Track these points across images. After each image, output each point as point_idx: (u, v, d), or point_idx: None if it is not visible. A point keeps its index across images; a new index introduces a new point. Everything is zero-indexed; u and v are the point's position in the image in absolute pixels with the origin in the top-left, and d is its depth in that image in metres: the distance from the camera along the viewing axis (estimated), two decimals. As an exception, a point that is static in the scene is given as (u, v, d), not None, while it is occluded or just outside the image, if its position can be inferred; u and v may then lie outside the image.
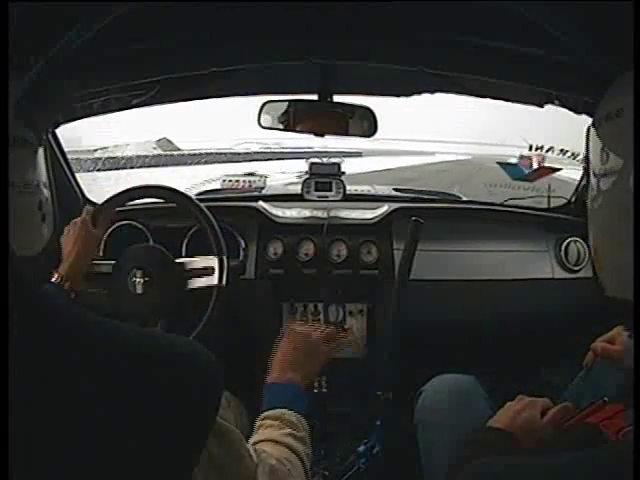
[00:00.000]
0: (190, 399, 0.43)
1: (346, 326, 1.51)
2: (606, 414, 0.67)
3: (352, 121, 1.35)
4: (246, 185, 2.57)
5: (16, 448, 0.35)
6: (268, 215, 1.53)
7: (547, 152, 1.79)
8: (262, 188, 2.47)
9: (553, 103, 1.12)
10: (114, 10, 0.78)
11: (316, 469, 1.19)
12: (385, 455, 1.19)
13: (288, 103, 1.34)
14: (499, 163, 2.14)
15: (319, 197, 1.67)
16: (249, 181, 2.64)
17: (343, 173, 1.71)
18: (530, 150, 1.81)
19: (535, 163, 1.89)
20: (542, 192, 1.82)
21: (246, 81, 1.31)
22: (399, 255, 1.24)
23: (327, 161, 1.79)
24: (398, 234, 1.49)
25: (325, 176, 1.70)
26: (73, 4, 0.74)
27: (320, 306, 1.50)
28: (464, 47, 0.99)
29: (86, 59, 0.97)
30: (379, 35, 1.00)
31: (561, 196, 1.70)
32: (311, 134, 1.40)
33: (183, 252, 1.45)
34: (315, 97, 1.34)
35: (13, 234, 0.39)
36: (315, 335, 0.98)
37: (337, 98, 1.35)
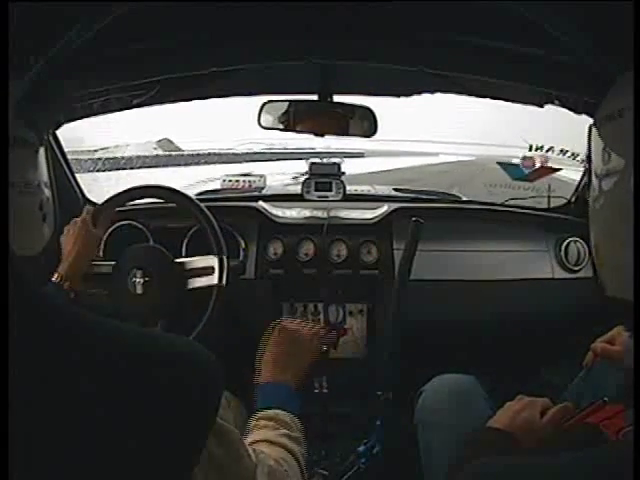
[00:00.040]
0: (190, 399, 0.43)
1: (346, 326, 1.51)
2: (606, 414, 0.67)
3: (352, 121, 1.35)
4: (246, 185, 2.57)
5: (16, 448, 0.35)
6: (268, 215, 1.53)
7: (547, 152, 1.80)
8: (262, 188, 2.48)
9: (553, 103, 1.12)
10: (114, 10, 0.78)
11: (316, 469, 1.19)
12: (385, 455, 1.19)
13: (288, 103, 1.34)
14: (499, 163, 2.14)
15: (319, 197, 1.67)
16: (249, 181, 2.63)
17: (343, 173, 1.71)
18: (530, 150, 1.81)
19: (538, 164, 1.89)
20: (542, 192, 1.82)
21: (246, 81, 1.31)
22: (399, 255, 1.24)
23: (327, 161, 1.79)
24: (398, 234, 1.49)
25: (325, 176, 1.70)
26: (73, 4, 0.74)
27: (320, 306, 1.50)
28: (464, 47, 0.99)
29: (86, 59, 0.97)
30: (379, 35, 1.00)
31: (561, 196, 1.70)
32: (311, 134, 1.40)
33: (183, 252, 1.45)
34: (315, 97, 1.34)
35: (13, 234, 0.39)
36: (304, 333, 0.98)
37: (337, 98, 1.35)
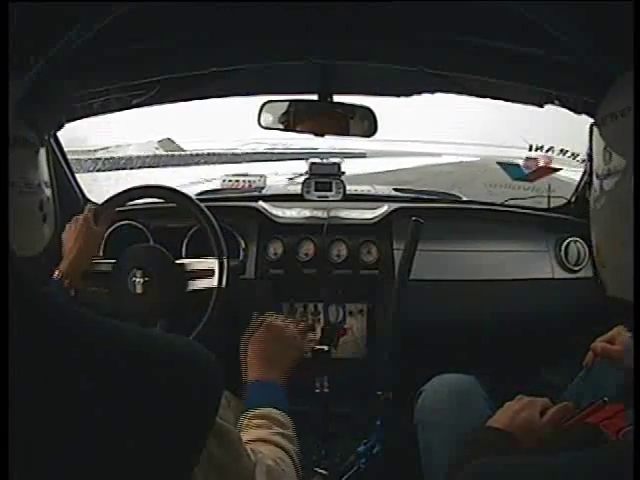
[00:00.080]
0: (190, 399, 0.43)
1: (346, 326, 1.51)
2: (606, 414, 0.67)
3: (352, 121, 1.35)
4: (246, 185, 2.57)
5: (16, 448, 0.35)
6: (268, 215, 1.53)
7: (547, 152, 1.79)
8: (262, 188, 2.47)
9: (553, 103, 1.12)
10: (114, 10, 0.78)
11: (316, 469, 1.19)
12: (385, 455, 1.18)
13: (288, 103, 1.34)
14: (499, 163, 2.14)
15: (319, 197, 1.67)
16: (249, 181, 2.63)
17: (343, 173, 1.71)
18: (530, 150, 1.81)
19: (541, 164, 1.89)
20: (542, 192, 1.82)
21: (246, 81, 1.31)
22: (399, 255, 1.23)
23: (327, 161, 1.78)
24: (398, 234, 1.49)
25: (325, 176, 1.70)
26: (73, 4, 0.74)
27: (320, 306, 1.50)
28: (464, 47, 0.99)
29: (86, 59, 0.97)
30: (379, 35, 1.00)
31: (561, 196, 1.70)
32: (311, 134, 1.40)
33: (183, 252, 1.45)
34: (315, 97, 1.33)
35: (14, 234, 0.39)
36: (289, 330, 0.98)
37: (337, 98, 1.35)
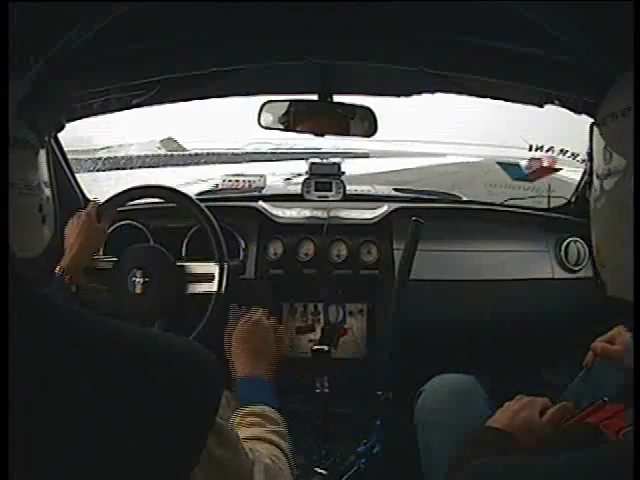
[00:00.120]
0: (190, 399, 0.43)
1: (346, 326, 1.51)
2: (606, 414, 0.67)
3: (352, 121, 1.35)
4: (246, 185, 2.57)
5: (16, 448, 0.35)
6: (268, 215, 1.53)
7: (547, 152, 1.79)
8: (262, 188, 2.47)
9: (553, 103, 1.12)
10: (114, 10, 0.78)
11: (316, 469, 1.19)
12: (385, 455, 1.19)
13: (288, 103, 1.34)
14: (499, 163, 2.14)
15: (319, 197, 1.67)
16: (249, 181, 2.63)
17: (343, 173, 1.71)
18: (530, 150, 1.81)
19: (545, 164, 1.89)
20: (542, 192, 1.82)
21: (246, 81, 1.31)
22: (399, 255, 1.24)
23: (327, 161, 1.78)
24: (398, 234, 1.49)
25: (325, 176, 1.70)
26: (73, 4, 0.74)
27: (320, 306, 1.50)
28: (464, 47, 0.99)
29: (86, 59, 0.97)
30: (379, 35, 1.00)
31: (561, 196, 1.70)
32: (311, 134, 1.40)
33: (183, 252, 1.45)
34: (315, 97, 1.33)
35: (13, 236, 0.39)
36: (272, 325, 1.00)
37: (337, 98, 1.35)
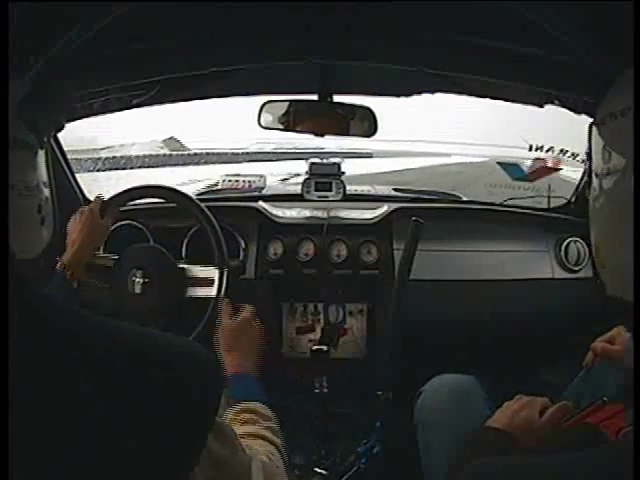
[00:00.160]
0: (190, 399, 0.43)
1: (346, 326, 1.51)
2: (606, 414, 0.67)
3: (352, 121, 1.35)
4: (246, 185, 2.57)
5: (16, 448, 0.35)
6: (268, 215, 1.53)
7: (547, 152, 1.79)
8: (262, 188, 2.47)
9: (553, 103, 1.12)
10: (114, 10, 0.78)
11: (316, 469, 1.19)
12: (385, 455, 1.19)
13: (288, 103, 1.34)
14: (499, 163, 2.14)
15: (319, 197, 1.67)
16: (249, 181, 2.63)
17: (343, 173, 1.71)
18: (530, 150, 1.81)
19: (550, 164, 1.89)
20: (542, 192, 1.82)
21: (246, 81, 1.31)
22: (399, 255, 1.24)
23: (327, 161, 1.78)
24: (398, 234, 1.49)
25: (325, 176, 1.70)
26: (73, 4, 0.74)
27: (320, 306, 1.50)
28: (464, 47, 0.99)
29: (86, 59, 0.96)
30: (379, 35, 1.00)
31: (561, 196, 1.70)
32: (311, 134, 1.40)
33: (183, 252, 1.45)
34: (315, 97, 1.33)
35: (13, 237, 0.39)
36: (255, 320, 1.02)
37: (337, 98, 1.35)
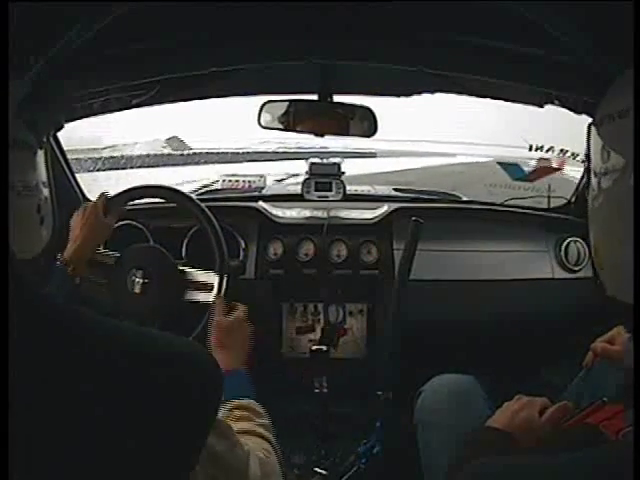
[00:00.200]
0: (190, 399, 0.43)
1: (346, 326, 1.51)
2: (606, 415, 0.67)
3: (352, 121, 1.35)
4: (246, 185, 2.57)
5: (16, 448, 0.35)
6: (268, 215, 1.53)
7: (547, 152, 1.80)
8: (262, 188, 2.47)
9: (553, 103, 1.12)
10: (114, 10, 0.77)
11: (316, 469, 1.19)
12: (385, 455, 1.19)
13: (288, 103, 1.34)
14: (499, 163, 2.14)
15: (319, 197, 1.67)
16: (249, 181, 2.63)
17: (343, 173, 1.71)
18: (530, 150, 1.81)
19: (555, 165, 1.89)
20: (542, 192, 1.82)
21: (246, 81, 1.31)
22: (399, 255, 1.24)
23: (327, 161, 1.78)
24: (398, 234, 1.49)
25: (325, 176, 1.70)
26: (73, 4, 0.74)
27: (320, 306, 1.50)
28: (464, 47, 0.99)
29: (86, 59, 0.96)
30: (379, 35, 1.00)
31: (561, 196, 1.70)
32: (311, 134, 1.40)
33: (183, 252, 1.45)
34: (315, 97, 1.33)
35: (13, 237, 0.39)
36: (242, 317, 1.02)
37: (337, 98, 1.35)
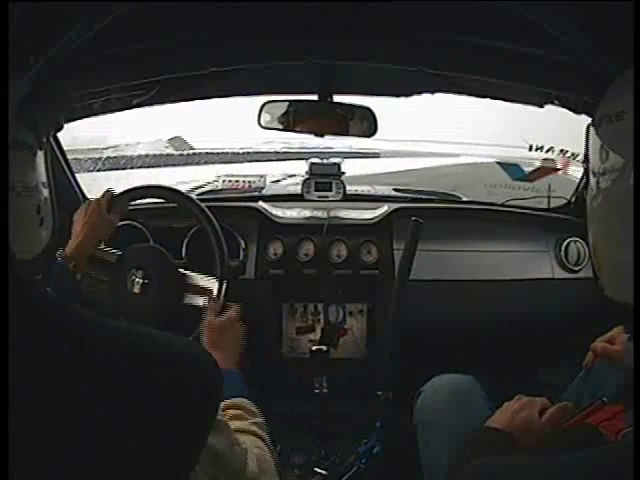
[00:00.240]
0: (190, 399, 0.43)
1: (346, 326, 1.51)
2: (605, 415, 0.67)
3: (352, 121, 1.35)
4: (246, 185, 2.57)
5: (16, 448, 0.35)
6: (268, 215, 1.53)
7: (547, 152, 1.80)
8: (262, 188, 2.47)
9: (553, 103, 1.12)
10: (114, 10, 0.78)
11: (316, 469, 1.19)
12: (385, 455, 1.19)
13: (288, 103, 1.34)
14: (499, 163, 2.14)
15: (319, 197, 1.68)
16: (249, 181, 2.63)
17: (343, 173, 1.71)
18: (530, 150, 1.81)
19: (559, 165, 1.90)
20: (542, 192, 1.82)
21: (246, 81, 1.31)
22: (399, 255, 1.24)
23: (327, 161, 1.78)
24: (398, 234, 1.49)
25: (325, 176, 1.70)
26: (73, 4, 0.74)
27: (320, 306, 1.50)
28: (464, 47, 0.99)
29: (86, 59, 0.96)
30: (379, 35, 1.00)
31: (561, 196, 1.70)
32: (311, 134, 1.40)
33: (183, 253, 1.45)
34: (315, 97, 1.34)
35: (13, 237, 0.39)
36: (235, 316, 1.05)
37: (337, 98, 1.35)
